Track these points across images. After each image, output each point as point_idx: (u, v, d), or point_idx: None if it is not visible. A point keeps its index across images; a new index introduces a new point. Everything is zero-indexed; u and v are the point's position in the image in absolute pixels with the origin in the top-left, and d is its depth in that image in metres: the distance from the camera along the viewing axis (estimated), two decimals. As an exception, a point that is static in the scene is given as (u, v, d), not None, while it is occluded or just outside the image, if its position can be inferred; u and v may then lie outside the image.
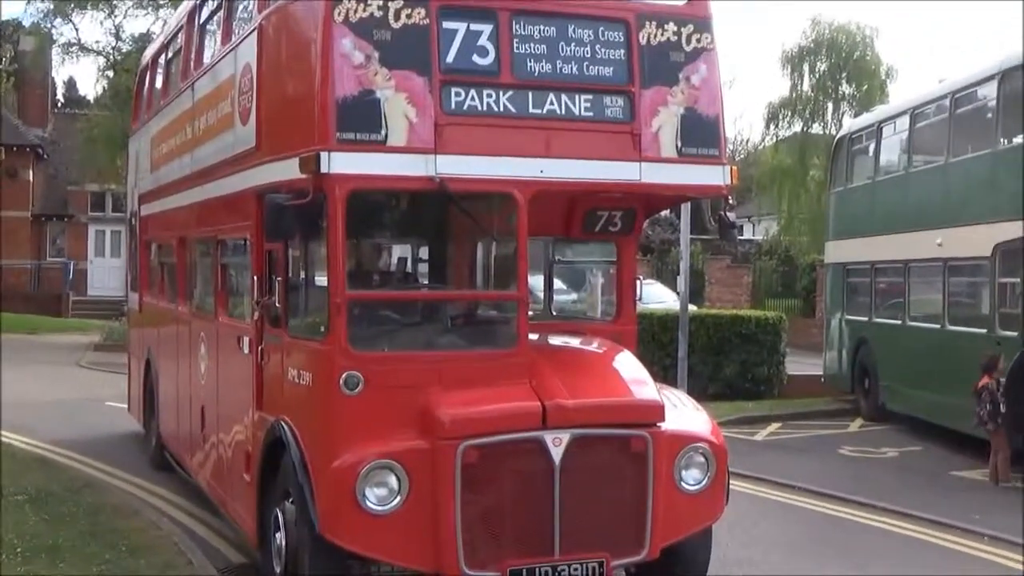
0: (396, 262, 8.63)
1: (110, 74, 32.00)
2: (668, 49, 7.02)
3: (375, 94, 6.34)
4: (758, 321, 18.18)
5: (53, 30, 31.98)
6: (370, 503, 6.21)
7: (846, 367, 17.46)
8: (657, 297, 21.87)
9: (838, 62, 33.02)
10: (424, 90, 6.43)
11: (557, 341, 7.69)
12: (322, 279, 6.74)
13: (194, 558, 7.96)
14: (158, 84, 12.12)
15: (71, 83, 51.97)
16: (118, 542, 8.23)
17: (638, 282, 8.20)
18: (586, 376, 6.99)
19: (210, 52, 9.29)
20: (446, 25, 6.52)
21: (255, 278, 7.51)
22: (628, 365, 7.26)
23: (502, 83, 6.62)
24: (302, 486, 6.45)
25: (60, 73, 53.40)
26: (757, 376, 17.92)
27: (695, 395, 8.81)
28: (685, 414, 7.26)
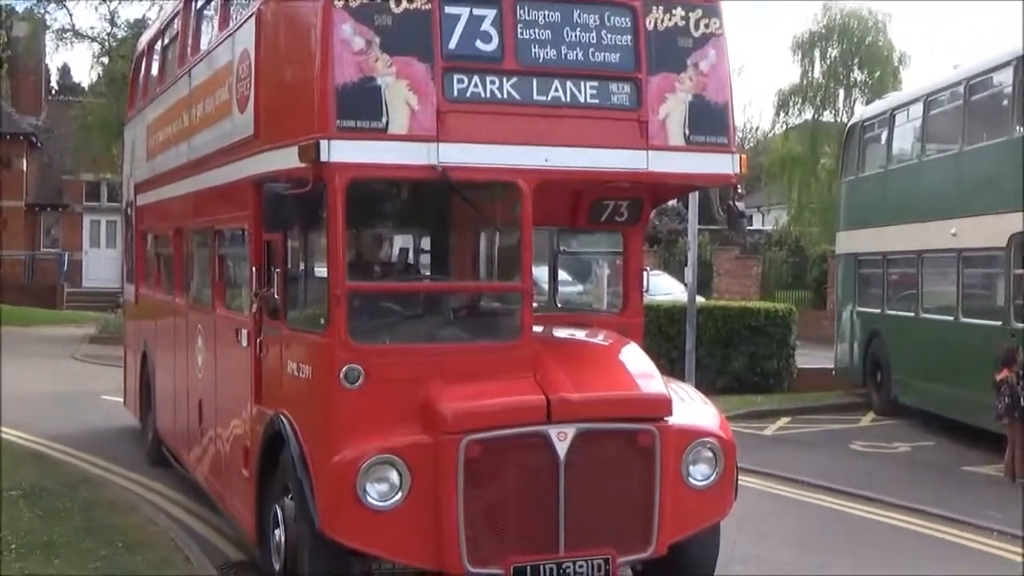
0: (397, 253, 8.62)
1: (105, 61, 32.05)
2: (676, 34, 7.01)
3: (376, 81, 6.33)
4: (767, 313, 18.16)
5: (47, 16, 32.05)
6: (371, 499, 6.22)
7: (858, 360, 17.44)
8: (664, 289, 21.89)
9: (850, 48, 32.92)
10: (426, 77, 6.42)
11: (562, 334, 7.69)
12: (322, 270, 6.74)
13: (192, 555, 7.97)
14: (154, 71, 12.12)
15: (65, 70, 52.12)
16: (114, 538, 8.25)
17: (645, 273, 8.20)
18: (592, 369, 6.99)
19: (207, 38, 9.29)
20: (448, 10, 6.51)
21: (253, 269, 7.51)
22: (634, 358, 7.26)
23: (506, 69, 6.61)
24: (301, 481, 6.46)
25: (54, 60, 53.49)
26: (766, 369, 17.91)
27: (703, 389, 8.82)
28: (693, 408, 7.26)
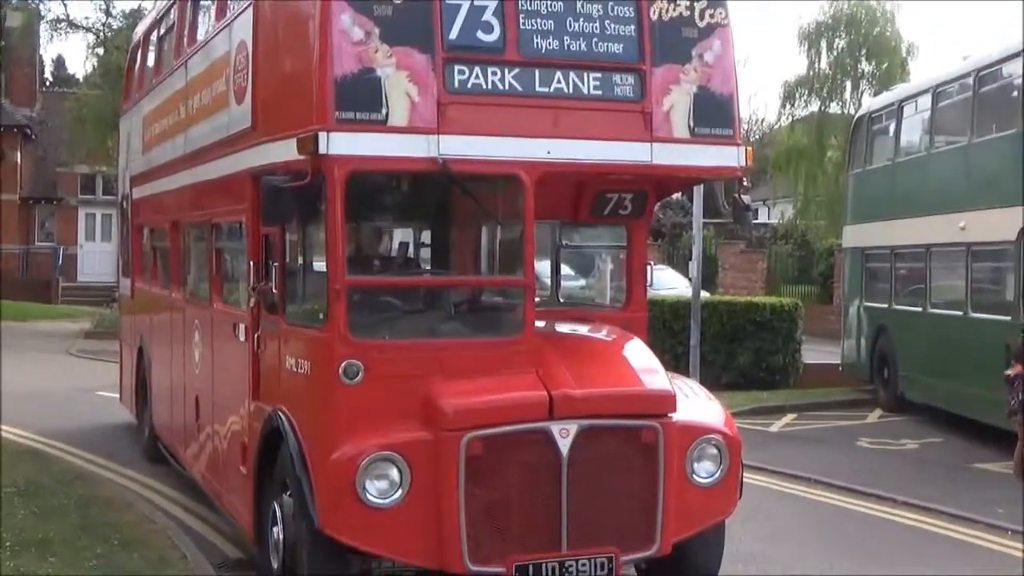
0: (397, 247, 8.61)
1: (100, 51, 32.05)
2: (680, 25, 7.00)
3: (375, 72, 6.32)
4: (773, 308, 18.16)
5: (41, 6, 32.04)
6: (371, 496, 6.21)
7: (864, 356, 17.44)
8: (668, 283, 21.88)
9: (857, 39, 32.89)
10: (426, 68, 6.41)
11: (564, 329, 7.69)
12: (321, 264, 6.73)
13: (188, 553, 7.98)
14: (150, 62, 12.12)
15: (60, 61, 52.16)
16: (110, 536, 8.27)
17: (649, 267, 8.19)
18: (594, 365, 6.98)
19: (204, 28, 9.28)
20: (449, 0, 6.50)
21: (251, 263, 7.51)
22: (638, 353, 7.26)
23: (508, 60, 6.59)
24: (300, 479, 6.46)
25: (48, 51, 53.50)
26: (772, 365, 17.91)
27: (708, 384, 8.81)
28: (697, 404, 7.26)
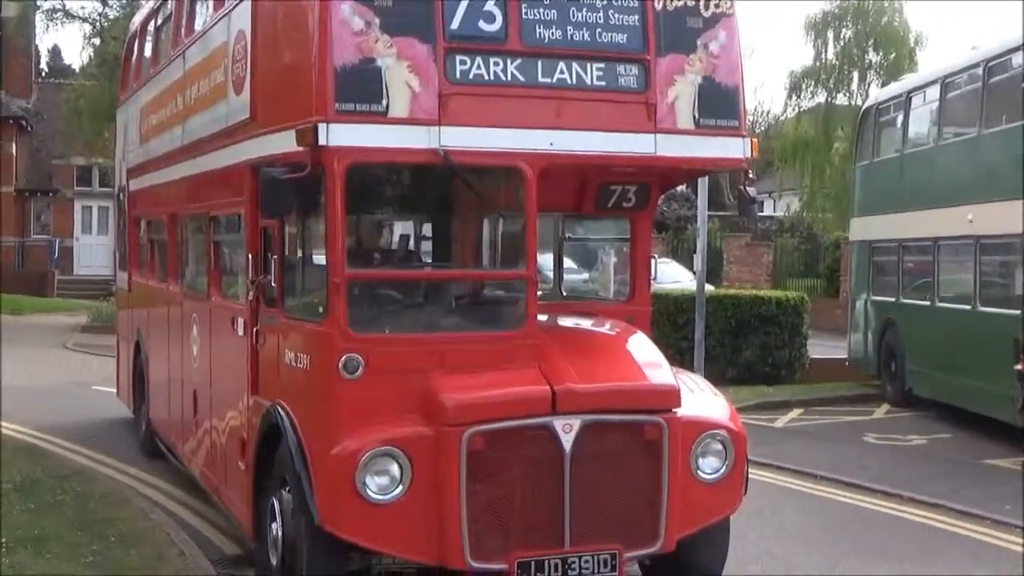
0: (398, 240, 8.62)
1: (97, 41, 31.98)
2: (685, 14, 7.00)
3: (376, 62, 6.32)
4: (779, 302, 18.16)
5: (36, -5, 31.95)
6: (371, 492, 6.22)
7: (871, 350, 17.45)
8: (673, 277, 21.94)
9: (864, 29, 32.85)
10: (427, 58, 6.41)
11: (567, 323, 7.70)
12: (320, 257, 6.74)
13: (186, 549, 7.99)
14: (147, 52, 12.12)
15: (56, 51, 51.93)
16: (107, 532, 8.28)
17: (653, 261, 8.19)
18: (598, 359, 6.99)
19: (202, 18, 9.28)
20: (450, -11, 6.50)
21: (250, 256, 7.51)
22: (642, 348, 7.26)
23: (510, 50, 6.59)
24: (299, 474, 6.47)
25: (44, 41, 53.43)
26: (778, 360, 17.91)
27: (712, 379, 8.81)
28: (702, 399, 7.27)
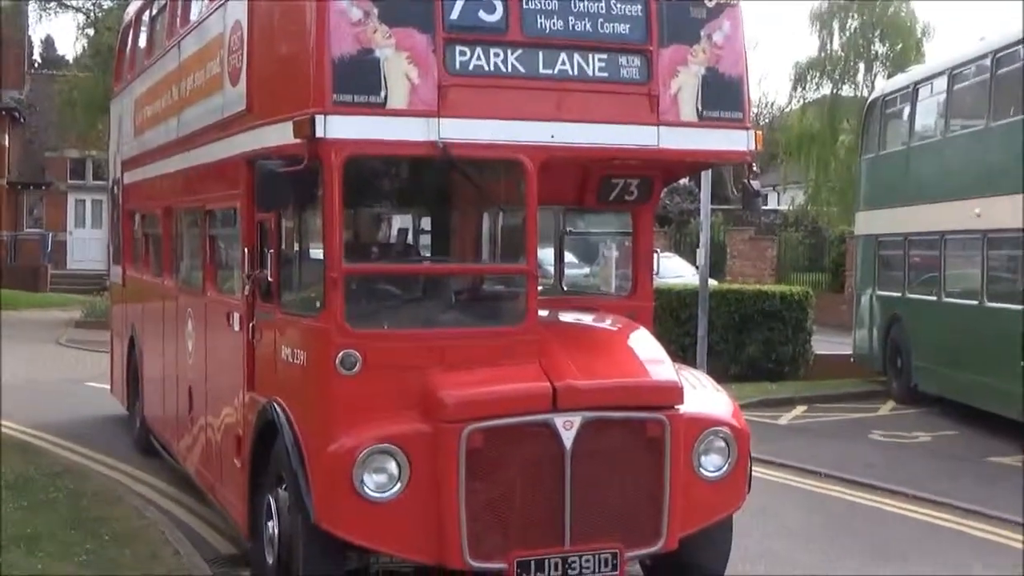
0: (396, 233, 8.61)
1: (90, 32, 32.01)
2: (688, 5, 6.99)
3: (374, 53, 6.31)
4: (783, 297, 18.14)
5: (29, -16, 31.95)
6: (368, 490, 6.22)
7: (877, 346, 17.44)
8: (675, 271, 21.87)
9: (870, 19, 32.83)
10: (427, 49, 6.39)
11: (568, 318, 7.69)
12: (317, 252, 6.73)
13: (181, 548, 7.99)
14: (142, 42, 12.09)
15: (49, 42, 52.13)
16: (101, 531, 8.27)
17: (655, 255, 8.19)
18: (599, 355, 6.98)
19: (198, 8, 9.26)
20: (450, -21, 6.48)
21: (246, 250, 7.50)
22: (644, 344, 7.26)
23: (510, 41, 6.58)
24: (296, 472, 6.46)
25: (37, 31, 53.39)
26: (782, 356, 17.90)
27: (715, 376, 8.81)
28: (705, 396, 7.26)
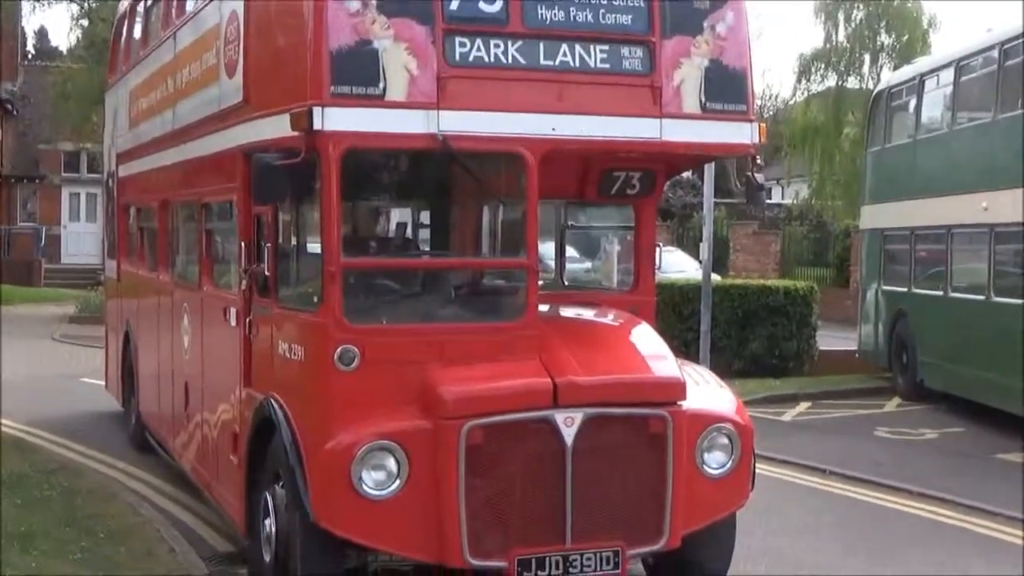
0: (395, 227, 8.62)
1: (85, 23, 31.96)
2: None
3: (372, 44, 6.31)
4: (787, 292, 18.14)
5: (23, -25, 31.93)
6: (367, 487, 6.23)
7: (882, 342, 17.45)
8: (678, 266, 21.90)
9: (876, 10, 32.82)
10: (426, 40, 6.40)
11: (569, 313, 7.70)
12: (315, 246, 6.74)
13: (177, 546, 8.01)
14: (137, 33, 12.10)
15: (42, 33, 52.03)
16: (96, 528, 8.29)
17: (657, 249, 8.19)
18: (601, 351, 6.99)
19: (193, -1, 9.26)
20: (449, -31, 6.49)
21: (242, 244, 7.51)
22: (646, 339, 7.27)
23: (511, 32, 6.58)
24: (293, 469, 6.47)
25: (30, 22, 53.31)
26: (786, 351, 17.90)
27: (718, 372, 8.82)
28: (708, 392, 7.27)
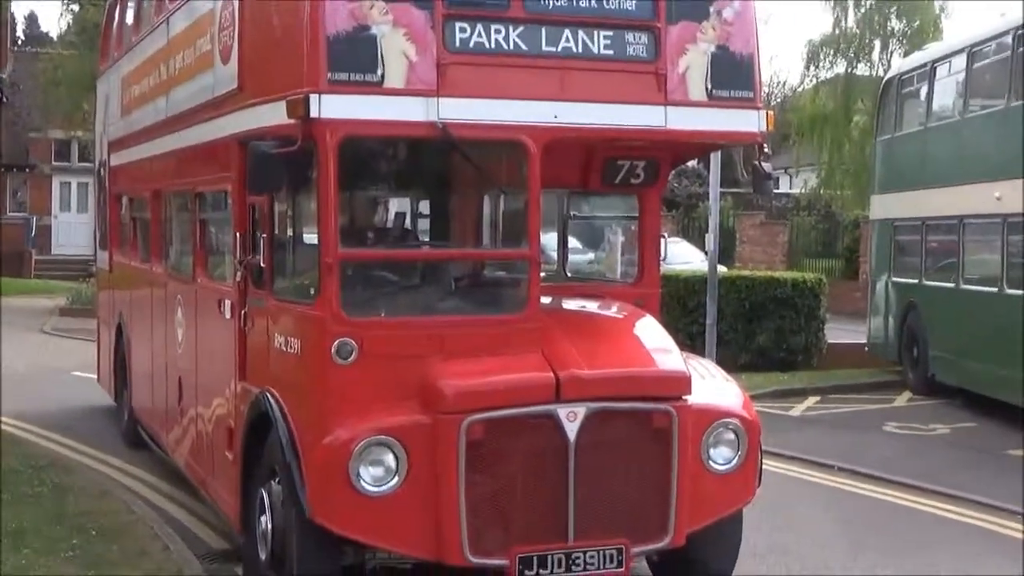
0: (394, 217, 8.61)
1: (75, 8, 31.97)
2: None
3: (370, 30, 6.30)
4: (795, 284, 18.15)
5: (12, -41, 31.90)
6: (365, 483, 6.23)
7: (892, 335, 17.45)
8: (683, 257, 21.93)
9: (886, -6, 32.83)
10: (425, 25, 6.39)
11: (572, 305, 7.70)
12: (312, 236, 6.73)
13: (171, 543, 8.00)
14: (129, 19, 12.08)
15: (32, 18, 52.02)
16: (87, 526, 8.28)
17: (662, 240, 8.19)
18: (604, 344, 6.99)
19: (187, -18, 9.24)
20: (450, -48, 6.47)
21: (237, 235, 7.50)
22: (651, 332, 7.26)
23: (512, 17, 6.57)
24: (290, 465, 6.46)
25: (19, 7, 53.27)
26: (793, 345, 17.92)
27: (725, 365, 8.82)
28: (714, 386, 7.26)
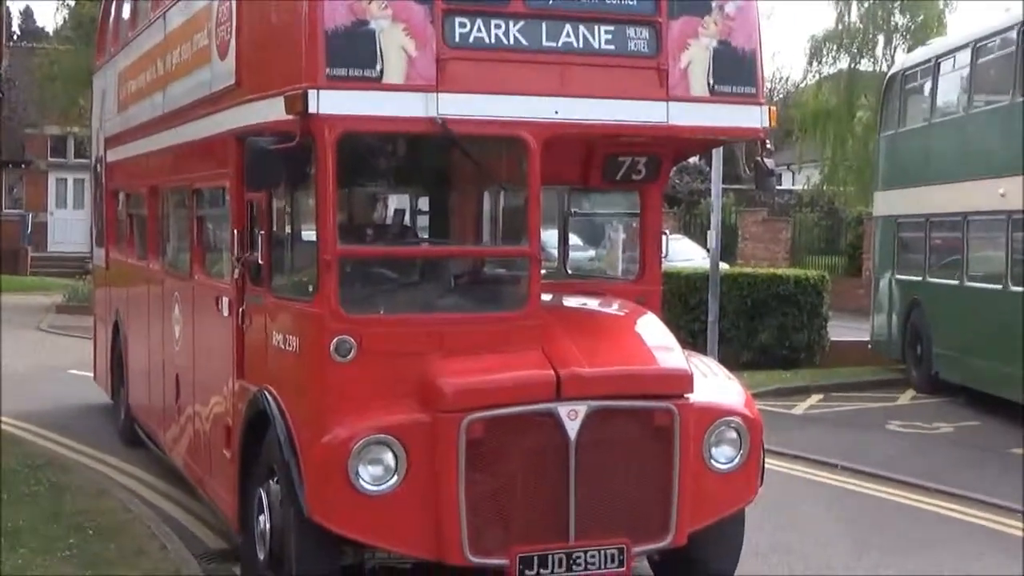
0: (393, 214, 8.62)
1: (71, 2, 31.96)
2: None
3: (369, 25, 6.31)
4: (797, 281, 18.15)
5: (7, -47, 31.90)
6: (364, 482, 6.24)
7: (896, 332, 17.45)
8: (685, 254, 21.94)
9: (890, -11, 32.80)
10: (425, 20, 6.39)
11: (573, 303, 7.71)
12: (310, 233, 6.73)
13: (168, 543, 8.01)
14: (126, 13, 12.10)
15: (28, 13, 51.98)
16: (84, 525, 8.30)
17: (664, 237, 8.19)
18: (605, 342, 7.00)
19: (184, -23, 9.25)
20: (449, -54, 6.48)
21: (235, 232, 7.51)
22: (652, 330, 7.27)
23: (512, 12, 6.57)
24: (288, 463, 6.47)
25: (15, 2, 53.23)
26: (796, 342, 17.92)
27: (727, 363, 8.82)
28: (716, 384, 7.27)
